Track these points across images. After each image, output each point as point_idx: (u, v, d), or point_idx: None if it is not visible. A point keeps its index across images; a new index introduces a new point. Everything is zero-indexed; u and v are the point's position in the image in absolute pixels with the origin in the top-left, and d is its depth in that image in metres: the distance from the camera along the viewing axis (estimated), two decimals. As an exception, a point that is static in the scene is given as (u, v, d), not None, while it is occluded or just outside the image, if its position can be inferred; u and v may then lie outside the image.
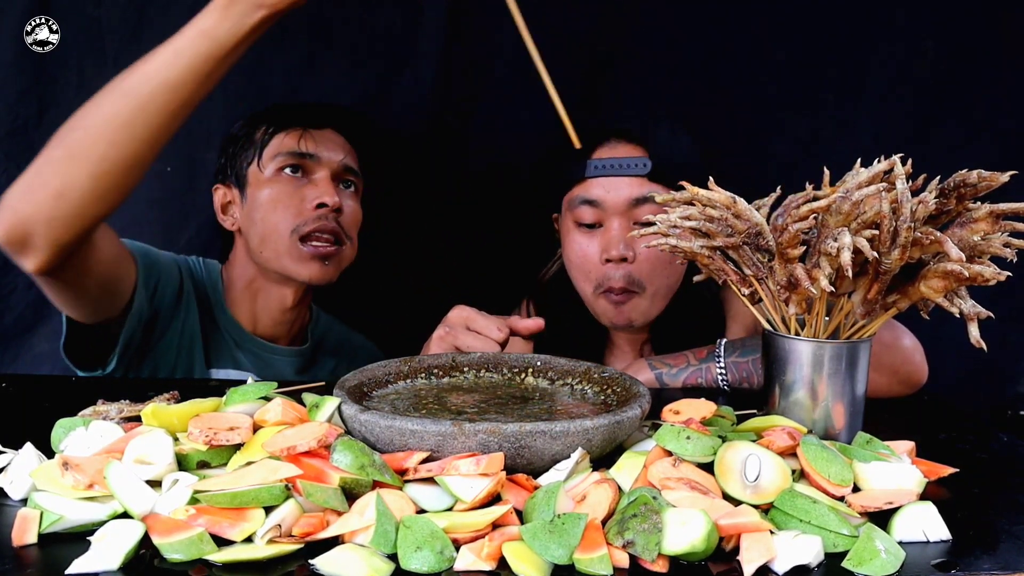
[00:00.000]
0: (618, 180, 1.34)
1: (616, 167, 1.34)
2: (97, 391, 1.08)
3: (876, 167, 0.94)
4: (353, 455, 0.78)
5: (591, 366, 1.06)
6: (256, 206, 1.43)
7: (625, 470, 0.83)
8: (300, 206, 1.42)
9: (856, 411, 0.99)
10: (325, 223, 1.41)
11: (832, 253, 0.90)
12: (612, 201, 1.34)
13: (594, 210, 1.35)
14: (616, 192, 1.34)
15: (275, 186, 1.43)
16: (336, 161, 1.46)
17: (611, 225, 1.35)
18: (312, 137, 1.44)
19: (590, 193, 1.35)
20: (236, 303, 1.50)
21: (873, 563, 0.71)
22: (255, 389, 0.93)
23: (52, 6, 1.54)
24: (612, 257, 1.35)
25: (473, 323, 1.17)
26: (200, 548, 0.70)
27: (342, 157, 1.47)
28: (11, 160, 1.56)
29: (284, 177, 1.43)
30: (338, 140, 1.48)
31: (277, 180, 1.43)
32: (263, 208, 1.42)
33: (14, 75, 1.54)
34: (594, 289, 1.38)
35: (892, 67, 1.68)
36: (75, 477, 0.78)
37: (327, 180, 1.44)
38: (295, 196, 1.42)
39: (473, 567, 0.70)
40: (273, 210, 1.42)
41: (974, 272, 0.88)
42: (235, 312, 1.50)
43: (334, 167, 1.46)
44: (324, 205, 1.41)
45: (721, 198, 0.97)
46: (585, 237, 1.38)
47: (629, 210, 1.35)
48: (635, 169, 1.33)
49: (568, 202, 1.39)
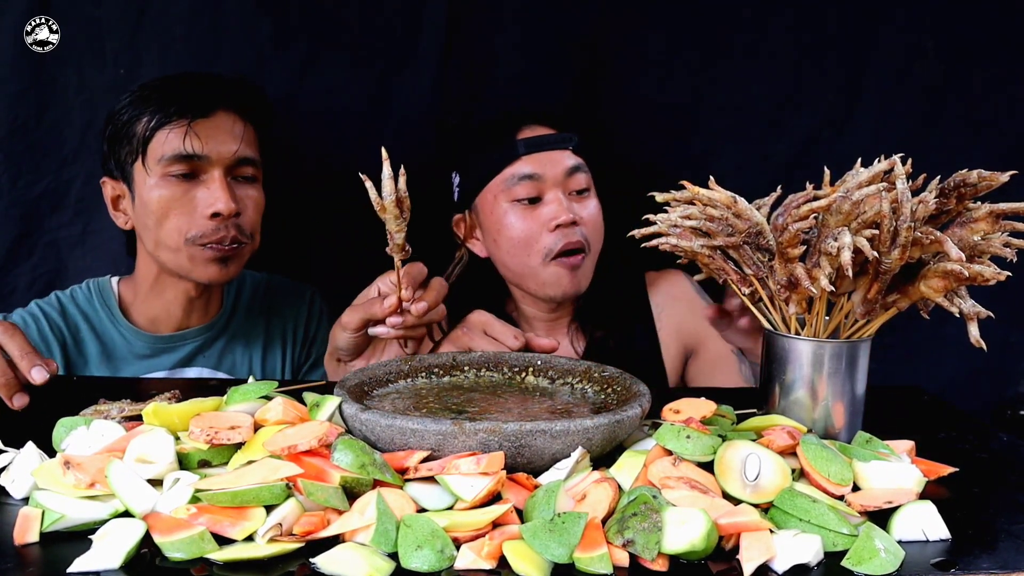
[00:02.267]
0: (551, 154, 1.46)
1: (549, 143, 1.47)
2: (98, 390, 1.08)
3: (876, 167, 0.94)
4: (354, 454, 0.79)
5: (591, 365, 1.06)
6: (146, 210, 1.34)
7: (625, 469, 0.83)
8: (192, 214, 1.33)
9: (856, 410, 0.99)
10: (224, 234, 1.33)
11: (832, 253, 0.90)
12: (551, 173, 1.46)
13: (533, 184, 1.45)
14: (553, 164, 1.46)
15: (163, 190, 1.32)
16: (229, 155, 1.33)
17: (554, 196, 1.46)
18: (199, 131, 1.31)
19: (526, 169, 1.45)
20: (142, 304, 1.45)
21: (872, 562, 0.71)
22: (256, 388, 0.94)
23: (52, 6, 1.54)
24: (563, 223, 1.44)
25: (491, 329, 1.18)
26: (201, 547, 0.70)
27: (236, 148, 1.34)
28: (11, 160, 1.56)
29: (172, 181, 1.32)
30: (230, 125, 1.35)
31: (165, 184, 1.32)
32: (153, 214, 1.33)
33: (14, 75, 1.54)
34: (543, 259, 1.46)
35: (892, 67, 1.68)
36: (76, 476, 0.78)
37: (220, 182, 1.33)
38: (186, 203, 1.33)
39: (473, 566, 0.70)
40: (164, 217, 1.33)
41: (974, 272, 0.88)
42: (139, 314, 1.46)
43: (227, 162, 1.34)
44: (219, 214, 1.32)
45: (722, 197, 0.97)
46: (526, 211, 1.46)
47: (565, 180, 1.47)
48: (565, 143, 1.48)
49: (502, 183, 1.47)
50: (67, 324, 1.44)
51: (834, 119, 1.70)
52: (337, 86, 1.66)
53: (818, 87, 1.70)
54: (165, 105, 1.32)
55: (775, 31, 1.68)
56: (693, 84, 1.70)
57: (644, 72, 1.70)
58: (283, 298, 1.59)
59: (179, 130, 1.31)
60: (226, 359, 1.51)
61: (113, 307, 1.46)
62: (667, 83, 1.70)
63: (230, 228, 1.34)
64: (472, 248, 1.58)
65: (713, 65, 1.69)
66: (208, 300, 1.49)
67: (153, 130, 1.32)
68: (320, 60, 1.64)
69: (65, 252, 1.61)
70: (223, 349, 1.51)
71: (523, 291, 1.54)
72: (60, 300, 1.46)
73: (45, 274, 1.62)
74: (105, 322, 1.46)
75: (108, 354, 1.44)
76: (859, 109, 1.69)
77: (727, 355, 1.52)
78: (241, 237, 1.36)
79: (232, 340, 1.52)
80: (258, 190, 1.41)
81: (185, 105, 1.32)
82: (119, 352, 1.45)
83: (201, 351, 1.49)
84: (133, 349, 1.45)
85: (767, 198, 1.05)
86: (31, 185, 1.57)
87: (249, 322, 1.54)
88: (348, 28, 1.64)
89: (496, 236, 1.49)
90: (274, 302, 1.58)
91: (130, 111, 1.34)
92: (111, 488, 0.77)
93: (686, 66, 1.70)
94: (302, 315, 1.60)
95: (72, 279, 1.55)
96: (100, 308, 1.46)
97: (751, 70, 1.69)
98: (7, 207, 1.58)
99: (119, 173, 1.38)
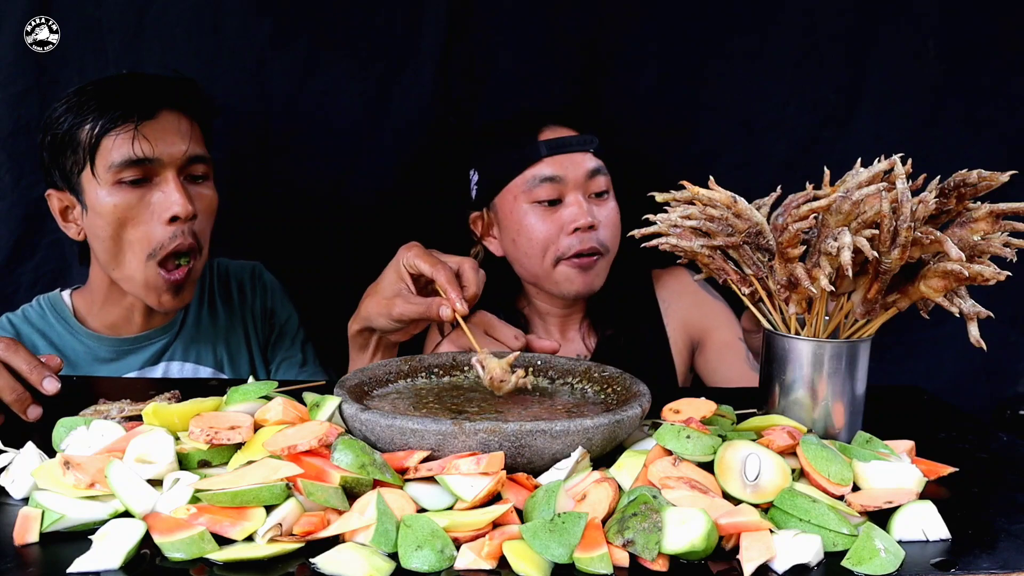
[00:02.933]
0: (573, 156, 1.48)
1: (570, 144, 1.48)
2: (98, 390, 1.08)
3: (876, 167, 0.94)
4: (354, 454, 0.79)
5: (591, 365, 1.06)
6: (100, 221, 1.30)
7: (625, 469, 0.83)
8: (150, 222, 1.29)
9: (856, 410, 0.99)
10: (182, 241, 1.30)
11: (832, 253, 0.90)
12: (572, 175, 1.47)
13: (555, 186, 1.47)
14: (574, 167, 1.47)
15: (117, 198, 1.28)
16: (179, 155, 1.30)
17: (575, 198, 1.47)
18: (146, 133, 1.27)
19: (548, 171, 1.47)
20: (99, 313, 1.43)
21: (872, 562, 0.71)
22: (256, 388, 0.94)
23: (52, 6, 1.54)
24: (582, 226, 1.45)
25: (492, 329, 1.19)
26: (201, 547, 0.70)
27: (186, 147, 1.30)
28: (14, 160, 1.56)
29: (125, 188, 1.28)
30: (176, 124, 1.31)
31: (118, 191, 1.28)
32: (109, 226, 1.29)
33: (15, 75, 1.55)
34: (556, 261, 1.48)
35: (892, 67, 1.68)
36: (76, 476, 0.78)
37: (174, 183, 1.30)
38: (142, 209, 1.29)
39: (473, 566, 0.70)
40: (121, 228, 1.29)
41: (974, 272, 0.88)
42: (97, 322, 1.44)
43: (179, 163, 1.30)
44: (177, 218, 1.29)
45: (722, 197, 0.97)
46: (546, 213, 1.48)
47: (586, 183, 1.48)
48: (586, 145, 1.49)
49: (523, 184, 1.48)
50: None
51: (834, 119, 1.70)
52: (337, 86, 1.66)
53: (818, 87, 1.70)
54: (107, 109, 1.28)
55: (775, 31, 1.68)
56: (693, 84, 1.70)
57: (644, 72, 1.70)
58: (232, 280, 1.58)
59: (126, 134, 1.27)
60: (191, 353, 1.49)
61: (69, 318, 1.44)
62: (667, 83, 1.70)
63: (187, 235, 1.31)
64: (489, 246, 1.59)
65: (713, 65, 1.69)
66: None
67: (99, 137, 1.27)
68: (320, 60, 1.64)
69: (68, 252, 1.61)
70: (187, 344, 1.49)
71: (538, 288, 1.56)
72: (12, 322, 1.44)
73: (48, 273, 1.62)
74: (63, 334, 1.43)
75: (71, 364, 1.41)
76: (859, 109, 1.69)
77: (734, 343, 1.54)
78: (197, 248, 1.33)
79: (195, 333, 1.50)
80: (211, 188, 1.38)
81: (129, 108, 1.28)
82: (82, 360, 1.43)
83: (166, 349, 1.48)
84: (97, 355, 1.43)
85: (767, 198, 1.05)
86: (34, 185, 1.57)
87: (207, 313, 1.53)
88: (348, 28, 1.64)
89: (515, 236, 1.51)
90: (224, 287, 1.57)
91: (70, 119, 1.29)
92: (111, 488, 0.77)
93: (686, 66, 1.70)
94: (257, 293, 1.59)
95: (75, 279, 1.55)
96: (55, 322, 1.44)
97: (751, 70, 1.69)
98: (10, 207, 1.58)
99: (64, 184, 1.33)
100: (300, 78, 1.65)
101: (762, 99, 1.70)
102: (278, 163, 1.68)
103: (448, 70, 1.67)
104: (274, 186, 1.68)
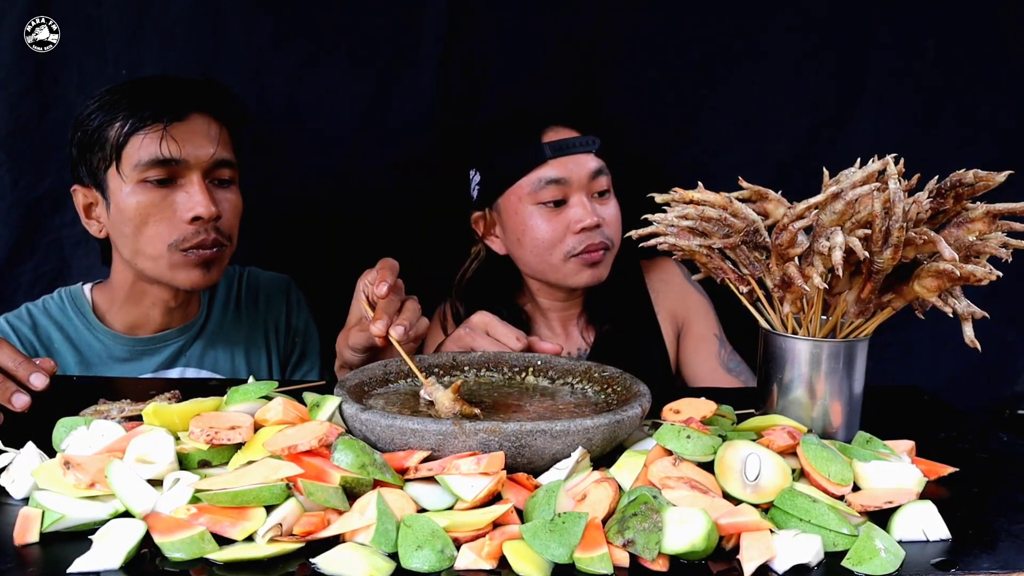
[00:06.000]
0: (576, 157, 1.49)
1: (573, 146, 1.49)
2: (98, 390, 1.08)
3: (870, 167, 0.94)
4: (354, 454, 0.79)
5: (591, 365, 1.06)
6: (123, 217, 1.31)
7: (625, 469, 0.83)
8: (173, 219, 1.31)
9: (853, 409, 0.99)
10: (205, 236, 1.31)
11: (825, 252, 0.90)
12: (576, 176, 1.48)
13: (559, 187, 1.48)
14: (578, 168, 1.49)
15: (141, 197, 1.30)
16: (206, 158, 1.31)
17: (579, 199, 1.49)
18: (175, 135, 1.29)
19: (552, 173, 1.48)
20: (119, 310, 1.43)
21: (873, 562, 0.71)
22: (256, 388, 0.94)
23: (52, 6, 1.54)
24: (588, 226, 1.47)
25: (493, 330, 1.19)
26: (201, 547, 0.70)
27: (213, 151, 1.32)
28: (13, 160, 1.56)
29: (150, 187, 1.30)
30: (205, 128, 1.33)
31: (142, 190, 1.30)
32: (132, 222, 1.31)
33: (15, 75, 1.54)
34: (564, 257, 1.49)
35: (892, 67, 1.69)
36: (77, 476, 0.78)
37: (199, 185, 1.31)
38: (166, 208, 1.31)
39: (474, 566, 0.70)
40: (143, 224, 1.31)
41: (966, 271, 0.88)
42: (116, 320, 1.43)
43: (205, 166, 1.32)
44: (200, 218, 1.30)
45: (715, 200, 0.98)
46: (551, 214, 1.49)
47: (589, 183, 1.50)
48: (589, 146, 1.50)
49: (528, 186, 1.49)
50: (38, 336, 1.42)
51: (834, 119, 1.70)
52: (337, 86, 1.66)
53: (818, 87, 1.70)
54: (138, 109, 1.29)
55: (775, 31, 1.68)
56: (693, 84, 1.71)
57: (644, 72, 1.70)
58: (261, 291, 1.58)
59: (154, 134, 1.28)
60: (208, 358, 1.49)
61: (88, 314, 1.44)
62: (667, 83, 1.70)
63: (210, 231, 1.32)
64: (491, 245, 1.59)
65: (713, 65, 1.70)
66: (188, 302, 1.47)
67: (127, 135, 1.29)
68: (320, 60, 1.64)
69: (68, 251, 1.61)
70: (204, 348, 1.49)
71: (541, 284, 1.57)
72: (31, 312, 1.44)
73: (47, 273, 1.62)
74: (80, 329, 1.43)
75: (86, 362, 1.42)
76: (859, 109, 1.69)
77: (708, 337, 1.59)
78: (221, 239, 1.34)
79: (214, 339, 1.50)
80: (235, 192, 1.39)
81: (159, 109, 1.29)
82: (97, 358, 1.43)
83: (183, 352, 1.47)
84: (112, 354, 1.43)
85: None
86: (33, 185, 1.57)
87: (229, 319, 1.53)
88: (348, 28, 1.64)
89: (520, 236, 1.52)
90: (252, 296, 1.57)
91: (100, 116, 1.31)
92: (111, 488, 0.77)
93: (686, 66, 1.70)
94: (282, 307, 1.59)
95: (74, 278, 1.55)
96: (74, 316, 1.44)
97: (751, 70, 1.69)
98: (9, 207, 1.58)
99: (91, 180, 1.35)
100: (300, 78, 1.65)
101: (762, 99, 1.70)
102: (278, 163, 1.68)
103: (448, 70, 1.67)
104: (273, 186, 1.68)
